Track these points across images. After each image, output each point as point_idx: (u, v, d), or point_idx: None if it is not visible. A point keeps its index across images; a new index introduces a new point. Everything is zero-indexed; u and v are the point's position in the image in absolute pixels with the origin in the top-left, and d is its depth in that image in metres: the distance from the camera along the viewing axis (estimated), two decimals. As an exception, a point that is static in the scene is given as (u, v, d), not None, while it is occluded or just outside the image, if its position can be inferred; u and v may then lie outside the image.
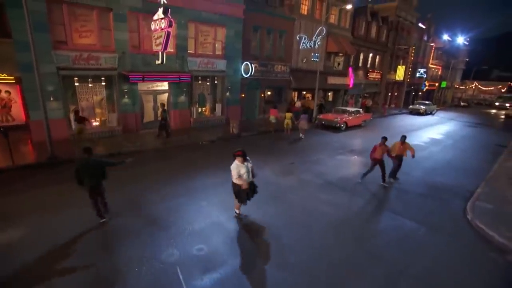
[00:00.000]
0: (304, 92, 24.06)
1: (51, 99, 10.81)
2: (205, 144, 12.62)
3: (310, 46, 20.78)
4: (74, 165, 5.74)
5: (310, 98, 23.18)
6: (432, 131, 19.22)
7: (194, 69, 14.93)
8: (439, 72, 43.07)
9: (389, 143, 8.79)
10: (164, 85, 14.41)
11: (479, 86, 54.88)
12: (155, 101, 14.35)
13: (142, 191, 7.46)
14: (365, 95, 29.60)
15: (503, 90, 53.77)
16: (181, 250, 5.15)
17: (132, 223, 5.94)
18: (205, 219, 6.24)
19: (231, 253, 5.16)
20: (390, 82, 32.51)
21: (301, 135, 15.09)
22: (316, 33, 20.24)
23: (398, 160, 9.01)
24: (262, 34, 18.34)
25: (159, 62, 12.61)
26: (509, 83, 56.72)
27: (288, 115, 15.51)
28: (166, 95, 14.69)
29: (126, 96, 12.84)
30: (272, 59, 19.37)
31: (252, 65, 17.80)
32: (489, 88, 55.06)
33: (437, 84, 42.67)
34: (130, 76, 12.12)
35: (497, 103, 43.35)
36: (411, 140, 15.43)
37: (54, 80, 10.75)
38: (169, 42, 12.23)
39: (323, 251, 5.41)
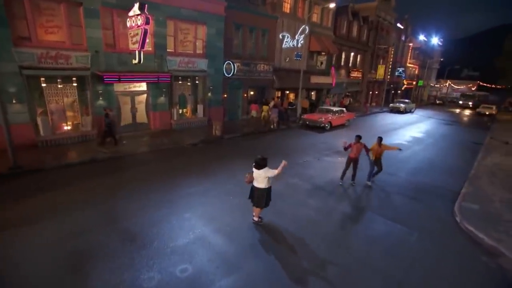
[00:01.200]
0: (288, 92, 23.92)
1: (14, 101, 9.84)
2: (187, 147, 12.05)
3: (293, 45, 20.58)
4: (41, 176, 5.06)
5: (292, 99, 23.15)
6: (413, 130, 19.62)
7: (173, 69, 14.27)
8: (416, 71, 44.48)
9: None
10: (142, 86, 13.66)
11: (452, 84, 57.42)
12: (132, 103, 13.57)
13: (118, 202, 6.84)
14: (347, 93, 29.89)
15: (473, 89, 56.52)
16: (163, 272, 4.66)
17: (106, 241, 5.36)
18: (189, 233, 5.76)
19: (218, 273, 4.74)
20: (371, 81, 33.10)
21: (272, 126, 17.09)
22: (299, 31, 20.05)
23: (377, 163, 8.94)
24: (244, 33, 17.90)
25: (136, 61, 11.86)
26: (478, 81, 59.70)
27: (265, 108, 17.75)
28: (145, 96, 13.94)
29: (101, 98, 12.00)
30: (255, 58, 19.00)
31: (235, 64, 17.34)
32: (461, 87, 57.74)
33: (414, 83, 44.05)
34: (104, 77, 11.31)
35: (460, 102, 42.59)
36: (394, 139, 15.73)
37: (17, 81, 9.77)
38: (147, 40, 11.54)
39: (317, 265, 5.12)
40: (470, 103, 40.32)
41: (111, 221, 6.03)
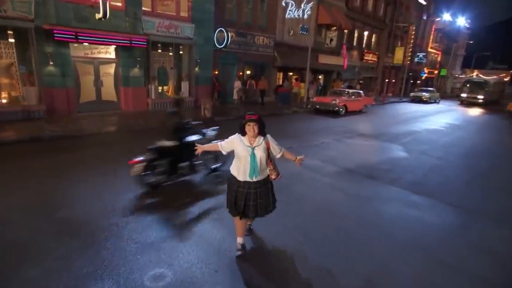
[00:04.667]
0: (291, 73, 22.67)
1: None
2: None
3: (298, 15, 19.35)
4: None
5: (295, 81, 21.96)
6: (446, 117, 18.63)
7: (151, 33, 12.76)
8: (439, 58, 43.66)
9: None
10: (110, 52, 12.18)
11: (480, 75, 56.47)
12: (97, 73, 11.99)
13: (62, 185, 5.32)
14: (360, 80, 28.62)
15: (506, 79, 54.91)
16: (123, 283, 3.13)
17: (33, 237, 3.80)
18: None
19: (218, 281, 3.23)
20: (387, 66, 32.14)
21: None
22: (306, -1, 18.85)
23: None
24: (240, -5, 16.62)
25: (100, 15, 10.41)
26: (511, 71, 57.96)
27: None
28: (113, 66, 12.43)
29: (51, 63, 10.36)
30: (253, 28, 17.70)
31: (228, 33, 15.90)
32: (492, 77, 56.56)
33: (436, 72, 43.19)
34: (55, 31, 9.70)
35: (463, 94, 29.36)
36: (427, 125, 14.85)
37: None
38: (114, -12, 10.07)
39: (382, 267, 3.64)
40: (480, 97, 27.86)
41: (47, 209, 4.50)
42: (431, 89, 30.40)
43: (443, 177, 7.20)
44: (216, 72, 16.37)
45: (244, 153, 3.29)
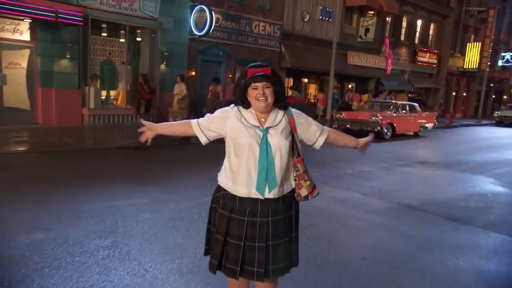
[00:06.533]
0: (306, 80, 23.04)
1: None
2: (112, 151, 10.86)
3: (318, -8, 20.19)
4: None
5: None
6: None
7: (91, 5, 13.15)
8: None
9: None
10: (22, 30, 12.59)
11: None
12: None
13: None
14: (415, 94, 28.83)
15: None
16: None
17: None
18: (103, 279, 3.82)
19: None
20: (454, 72, 32.85)
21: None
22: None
23: None
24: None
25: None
26: None
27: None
28: (27, 54, 12.73)
29: None
30: (249, 10, 18.51)
31: (213, 14, 16.19)
32: None
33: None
34: None
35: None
36: None
37: None
38: None
39: None
40: None
41: None
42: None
43: None
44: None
45: (247, 141, 2.51)
